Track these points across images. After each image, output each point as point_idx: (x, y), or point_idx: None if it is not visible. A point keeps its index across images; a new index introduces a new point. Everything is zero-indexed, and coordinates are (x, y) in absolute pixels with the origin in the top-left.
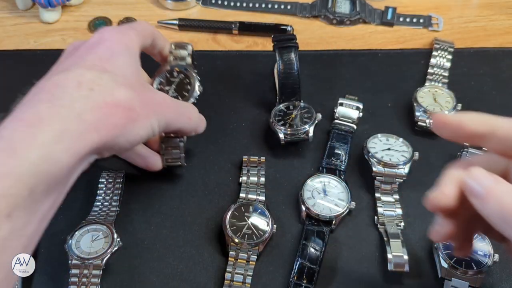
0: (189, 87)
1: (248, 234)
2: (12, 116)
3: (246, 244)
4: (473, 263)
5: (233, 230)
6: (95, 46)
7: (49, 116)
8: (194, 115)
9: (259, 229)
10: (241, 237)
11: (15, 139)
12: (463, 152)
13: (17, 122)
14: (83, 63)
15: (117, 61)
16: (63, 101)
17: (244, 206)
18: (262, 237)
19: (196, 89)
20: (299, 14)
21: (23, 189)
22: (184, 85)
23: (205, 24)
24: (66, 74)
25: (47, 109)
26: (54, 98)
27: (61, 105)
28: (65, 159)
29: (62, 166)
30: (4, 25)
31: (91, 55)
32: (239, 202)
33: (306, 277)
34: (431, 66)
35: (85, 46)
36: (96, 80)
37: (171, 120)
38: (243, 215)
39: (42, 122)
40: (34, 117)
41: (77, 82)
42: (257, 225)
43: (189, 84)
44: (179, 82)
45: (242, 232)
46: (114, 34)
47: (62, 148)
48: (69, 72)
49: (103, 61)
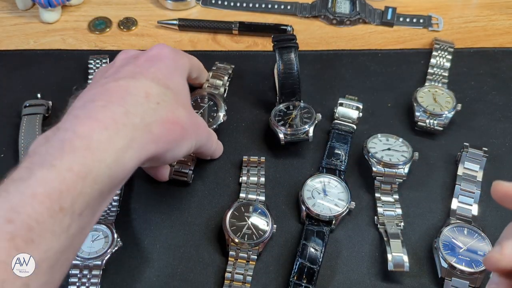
0: (215, 114)
1: (248, 234)
2: (83, 111)
3: (246, 244)
4: (473, 263)
5: (233, 230)
6: (156, 60)
7: (124, 122)
8: (215, 140)
9: (259, 229)
10: (241, 237)
11: (93, 139)
12: (463, 152)
13: (93, 122)
14: (148, 75)
15: (176, 80)
16: (135, 109)
17: (244, 206)
18: (262, 237)
19: (221, 118)
20: (299, 14)
21: (96, 190)
22: (210, 112)
23: (205, 24)
24: (134, 82)
25: (122, 114)
26: (126, 104)
27: (134, 113)
28: (129, 165)
29: (126, 172)
30: (4, 25)
31: (153, 68)
32: (239, 202)
33: (306, 277)
34: (431, 66)
35: (145, 57)
36: (161, 95)
37: (202, 143)
38: (243, 215)
39: (117, 127)
40: (110, 120)
41: (146, 93)
42: (257, 225)
43: (216, 111)
44: (207, 108)
45: (242, 232)
46: (173, 54)
47: (131, 155)
48: (137, 81)
49: (165, 77)
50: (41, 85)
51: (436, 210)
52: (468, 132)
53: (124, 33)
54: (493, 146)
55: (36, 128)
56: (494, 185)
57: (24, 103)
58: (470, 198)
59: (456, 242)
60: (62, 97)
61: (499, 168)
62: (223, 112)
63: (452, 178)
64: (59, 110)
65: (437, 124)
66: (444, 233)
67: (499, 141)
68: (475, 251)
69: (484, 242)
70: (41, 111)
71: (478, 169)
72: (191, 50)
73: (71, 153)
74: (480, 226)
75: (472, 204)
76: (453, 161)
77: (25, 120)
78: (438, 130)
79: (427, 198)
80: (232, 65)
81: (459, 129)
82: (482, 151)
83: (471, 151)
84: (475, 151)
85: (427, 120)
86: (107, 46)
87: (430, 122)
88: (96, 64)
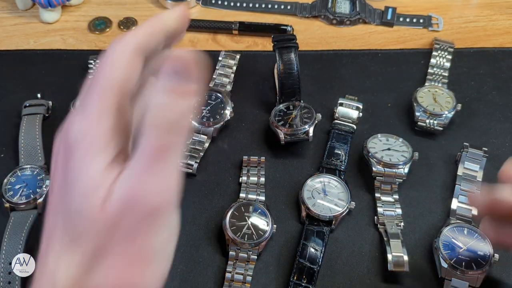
0: (222, 111)
1: (248, 234)
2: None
3: (246, 244)
4: (473, 263)
5: (233, 230)
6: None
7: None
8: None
9: (259, 229)
10: (241, 237)
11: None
12: (463, 152)
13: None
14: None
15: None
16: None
17: (244, 206)
18: (262, 237)
19: (228, 115)
20: (299, 14)
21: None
22: (217, 109)
23: (205, 24)
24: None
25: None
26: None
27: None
28: None
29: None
30: (4, 25)
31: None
32: (239, 202)
33: (306, 277)
34: (431, 66)
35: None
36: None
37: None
38: (243, 215)
39: None
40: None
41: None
42: (257, 225)
43: (223, 108)
44: (215, 105)
45: (242, 232)
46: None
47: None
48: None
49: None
50: (41, 85)
51: (436, 210)
52: (468, 132)
53: (124, 33)
54: (493, 146)
55: (36, 128)
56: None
57: (24, 103)
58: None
59: (456, 242)
60: (62, 97)
61: (499, 168)
62: (229, 109)
63: (452, 178)
64: (59, 110)
65: (437, 124)
66: (444, 233)
67: (499, 141)
68: (475, 251)
69: (484, 242)
70: (41, 111)
71: (478, 169)
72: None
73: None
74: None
75: None
76: (453, 161)
77: (25, 120)
78: (438, 130)
79: (427, 198)
80: (237, 55)
81: (459, 129)
82: (482, 151)
83: (471, 151)
84: (475, 151)
85: (427, 120)
86: (107, 46)
87: (430, 122)
88: (96, 64)
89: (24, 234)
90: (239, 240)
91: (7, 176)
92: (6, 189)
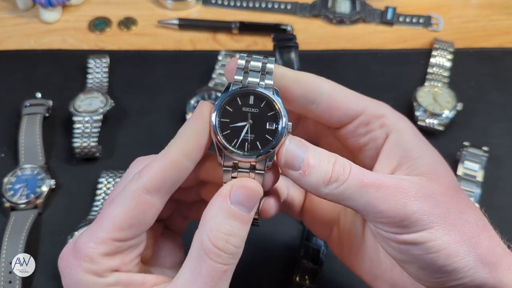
0: None
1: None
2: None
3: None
4: None
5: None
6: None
7: None
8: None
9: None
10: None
11: None
12: (463, 151)
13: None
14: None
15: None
16: None
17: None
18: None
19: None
20: (299, 14)
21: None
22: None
23: (205, 24)
24: None
25: None
26: None
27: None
28: None
29: None
30: (5, 25)
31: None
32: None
33: (308, 277)
34: (431, 66)
35: None
36: None
37: None
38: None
39: None
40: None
41: None
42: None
43: None
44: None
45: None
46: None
47: None
48: None
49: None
50: (41, 85)
51: None
52: (468, 132)
53: (124, 32)
54: (493, 146)
55: (36, 128)
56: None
57: (24, 103)
58: (470, 198)
59: None
60: (62, 97)
61: (499, 168)
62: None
63: None
64: (59, 110)
65: (437, 123)
66: None
67: (499, 141)
68: None
69: None
70: (41, 111)
71: (478, 168)
72: (191, 49)
73: None
74: None
75: None
76: (453, 161)
77: (25, 120)
78: (438, 129)
79: None
80: (237, 55)
81: (459, 129)
82: (482, 150)
83: (471, 151)
84: (475, 151)
85: (427, 119)
86: (107, 46)
87: (430, 121)
88: (96, 64)
89: (24, 234)
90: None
91: (8, 175)
92: (7, 188)
